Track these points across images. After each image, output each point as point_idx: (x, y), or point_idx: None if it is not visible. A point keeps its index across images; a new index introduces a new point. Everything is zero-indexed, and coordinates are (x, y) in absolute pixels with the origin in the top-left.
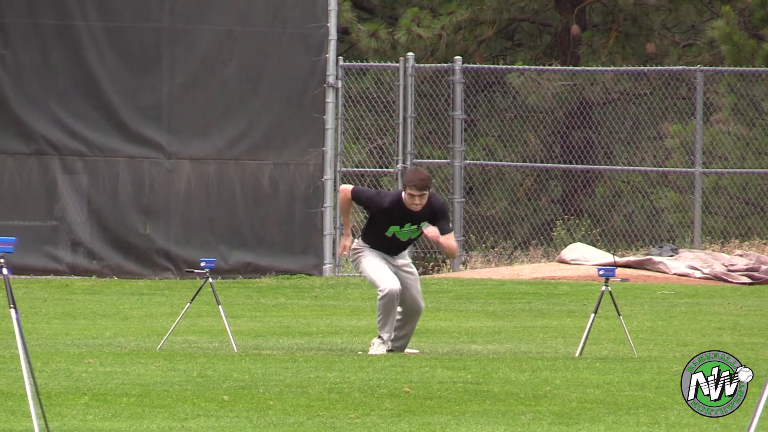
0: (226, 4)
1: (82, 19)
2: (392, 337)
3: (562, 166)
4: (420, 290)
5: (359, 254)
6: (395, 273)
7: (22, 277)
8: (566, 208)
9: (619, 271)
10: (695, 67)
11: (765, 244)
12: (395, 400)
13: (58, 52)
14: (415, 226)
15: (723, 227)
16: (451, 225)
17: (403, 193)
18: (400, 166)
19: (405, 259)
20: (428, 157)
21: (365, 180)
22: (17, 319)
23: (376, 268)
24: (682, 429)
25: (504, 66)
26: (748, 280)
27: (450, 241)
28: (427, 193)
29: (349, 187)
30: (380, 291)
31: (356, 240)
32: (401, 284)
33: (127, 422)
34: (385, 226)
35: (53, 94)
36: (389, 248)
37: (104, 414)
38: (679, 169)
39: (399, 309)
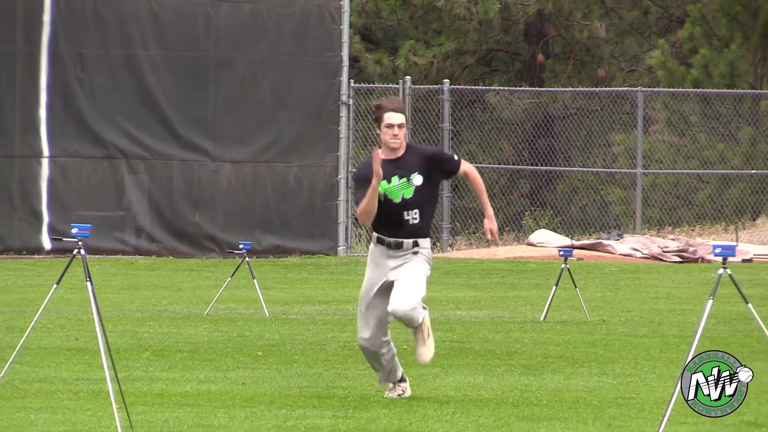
0: (259, 37)
1: (144, 50)
2: (392, 373)
3: (530, 167)
4: (410, 296)
5: (367, 262)
6: (382, 289)
7: (96, 256)
8: (533, 202)
9: (575, 252)
10: (637, 88)
11: (692, 230)
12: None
13: (124, 76)
14: (405, 180)
15: (659, 217)
16: (456, 158)
17: (380, 134)
18: None
19: (407, 260)
20: None
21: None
22: (92, 290)
23: (364, 310)
24: (626, 378)
25: (483, 87)
26: (678, 259)
27: (483, 199)
28: (404, 123)
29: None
30: (359, 338)
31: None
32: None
33: (180, 373)
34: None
35: (120, 110)
36: (393, 229)
37: (162, 366)
38: (623, 170)
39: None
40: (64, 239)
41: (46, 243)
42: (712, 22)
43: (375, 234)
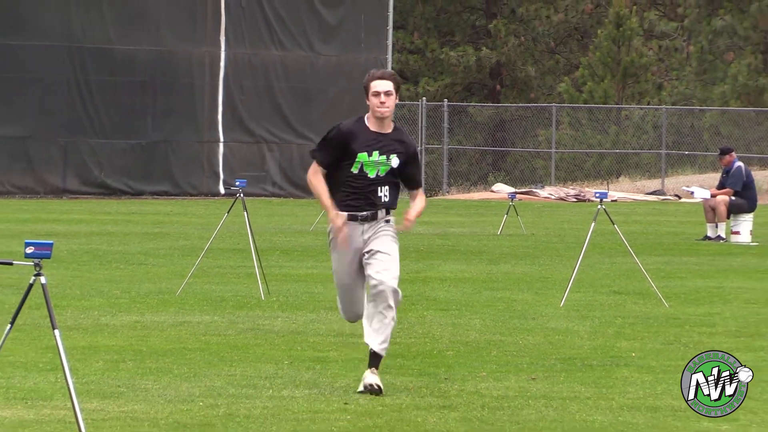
0: (339, 76)
1: (276, 81)
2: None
3: (492, 148)
4: (396, 275)
5: (330, 242)
6: (360, 264)
7: (249, 197)
8: (494, 168)
9: (518, 196)
10: (552, 104)
11: (583, 183)
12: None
13: (267, 83)
14: (385, 157)
15: (564, 176)
16: (422, 178)
17: (368, 103)
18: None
19: (381, 231)
20: (431, 144)
21: None
22: (248, 218)
23: (338, 281)
24: (546, 267)
25: (466, 104)
26: (575, 200)
27: (418, 207)
28: (393, 92)
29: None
30: (339, 309)
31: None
32: (368, 270)
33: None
34: (352, 156)
35: (264, 114)
36: (359, 204)
37: (290, 258)
38: (544, 150)
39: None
40: (232, 187)
41: (221, 190)
42: (594, 67)
43: (345, 213)
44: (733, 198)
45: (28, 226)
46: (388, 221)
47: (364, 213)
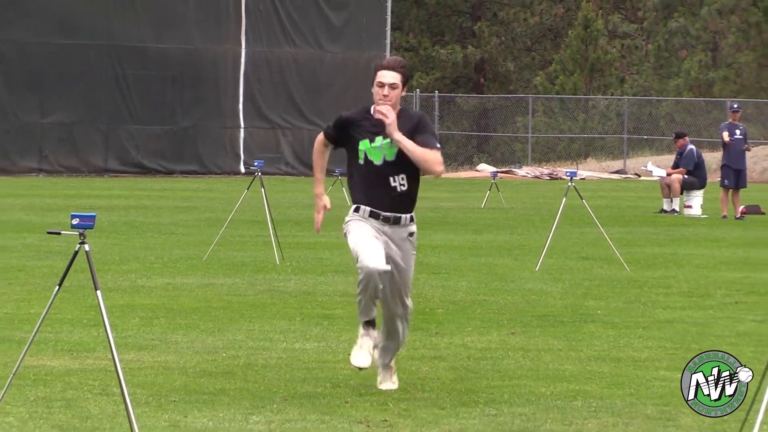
0: (344, 70)
1: (290, 75)
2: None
3: (476, 133)
4: (407, 288)
5: (347, 225)
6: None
7: (266, 176)
8: (478, 150)
9: (499, 174)
10: (529, 95)
11: (555, 164)
12: None
13: (282, 77)
14: (388, 141)
15: (539, 157)
16: (437, 144)
17: (372, 91)
18: None
19: (403, 236)
20: None
21: None
22: (265, 194)
23: (360, 240)
24: (522, 235)
25: (454, 94)
26: (548, 178)
27: (426, 153)
28: (399, 85)
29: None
30: (359, 269)
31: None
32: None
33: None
34: (355, 145)
35: (279, 103)
36: (380, 199)
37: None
38: (522, 134)
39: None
40: (251, 167)
41: (242, 169)
42: (565, 62)
43: (366, 208)
44: (685, 176)
45: (74, 201)
46: (412, 234)
47: (387, 214)
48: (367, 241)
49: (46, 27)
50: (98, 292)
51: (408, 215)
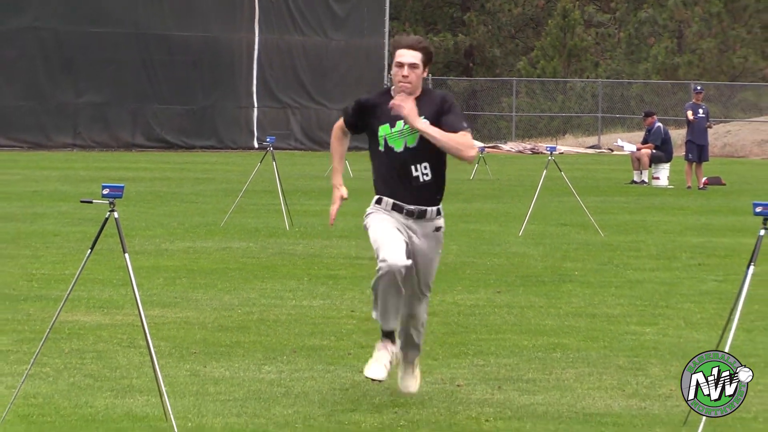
0: (352, 53)
1: (298, 64)
2: (398, 333)
3: (467, 112)
4: (429, 280)
5: (367, 217)
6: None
7: (277, 150)
8: (472, 128)
9: (487, 149)
10: (513, 78)
11: (537, 140)
12: None
13: (291, 61)
14: (408, 126)
15: (523, 134)
16: (465, 124)
17: (391, 73)
18: None
19: (429, 231)
20: None
21: None
22: (276, 169)
23: (380, 233)
24: (506, 204)
25: (446, 77)
26: (531, 153)
27: (454, 138)
28: (420, 66)
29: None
30: (379, 263)
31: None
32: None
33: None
34: (375, 130)
35: (289, 86)
36: (403, 189)
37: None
38: (507, 113)
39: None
40: (264, 142)
41: (255, 145)
42: (546, 49)
43: (389, 200)
44: (653, 151)
45: (104, 173)
46: (438, 229)
47: (411, 207)
48: (388, 235)
49: (81, 17)
50: (126, 255)
51: (434, 208)
